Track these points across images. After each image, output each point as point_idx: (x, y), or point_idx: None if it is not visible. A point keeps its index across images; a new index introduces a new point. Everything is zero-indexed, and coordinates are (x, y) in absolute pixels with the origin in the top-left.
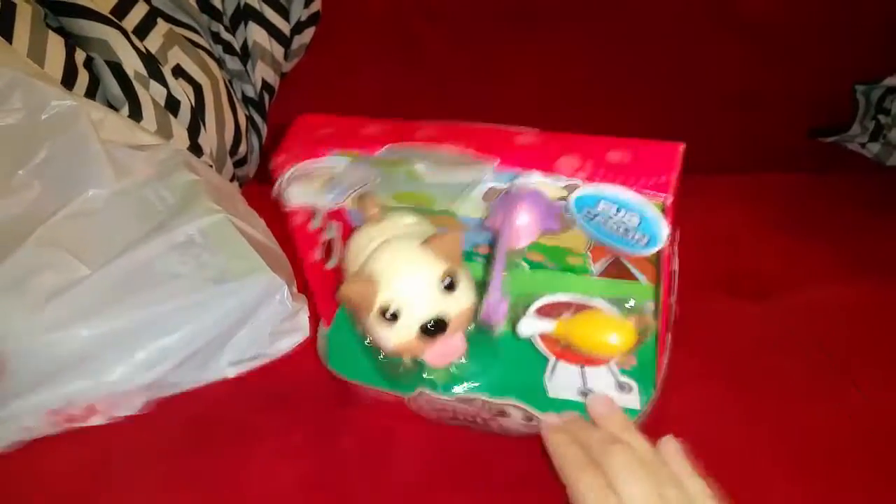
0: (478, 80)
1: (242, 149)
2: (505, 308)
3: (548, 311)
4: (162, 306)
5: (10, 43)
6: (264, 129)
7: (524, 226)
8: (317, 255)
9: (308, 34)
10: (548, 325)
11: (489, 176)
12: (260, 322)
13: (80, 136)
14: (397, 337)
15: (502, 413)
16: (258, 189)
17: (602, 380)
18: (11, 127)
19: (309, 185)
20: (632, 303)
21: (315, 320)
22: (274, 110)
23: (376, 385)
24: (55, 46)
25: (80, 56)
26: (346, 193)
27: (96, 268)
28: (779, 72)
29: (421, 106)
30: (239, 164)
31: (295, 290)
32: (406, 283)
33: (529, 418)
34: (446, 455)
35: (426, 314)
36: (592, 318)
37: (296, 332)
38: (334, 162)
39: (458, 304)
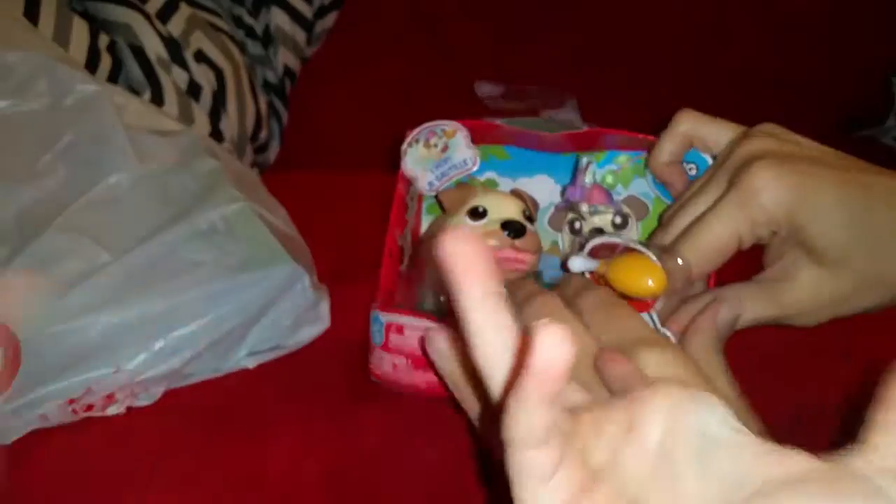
0: (502, 67)
1: (263, 135)
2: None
3: (599, 252)
4: (184, 295)
5: (36, 26)
6: (285, 115)
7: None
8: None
9: (331, 19)
10: (594, 264)
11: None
12: (281, 312)
13: (104, 121)
14: (481, 230)
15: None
16: (278, 176)
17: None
18: (36, 112)
19: (426, 153)
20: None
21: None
22: (295, 96)
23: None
24: (79, 30)
25: (103, 40)
26: (447, 176)
27: (118, 255)
28: (813, 64)
29: (443, 92)
30: (259, 150)
31: (316, 279)
32: (497, 197)
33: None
34: (464, 451)
35: (508, 217)
36: (632, 261)
37: (317, 322)
38: (451, 127)
39: (533, 229)
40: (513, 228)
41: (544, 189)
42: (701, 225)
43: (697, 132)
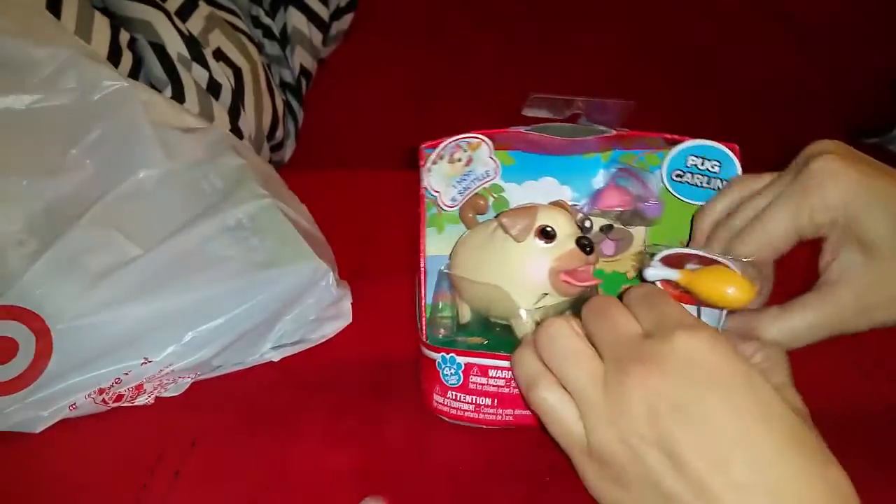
0: (503, 63)
1: (279, 133)
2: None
3: (672, 261)
4: (211, 289)
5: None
6: (301, 115)
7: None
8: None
9: (346, 20)
10: (673, 273)
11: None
12: (305, 307)
13: (132, 116)
14: (558, 250)
15: None
16: (294, 174)
17: (711, 318)
18: (65, 106)
19: (450, 169)
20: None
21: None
22: (310, 96)
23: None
24: (101, 27)
25: (124, 37)
26: (469, 190)
27: (147, 249)
28: (821, 72)
29: (456, 93)
30: (275, 148)
31: (338, 276)
32: (551, 213)
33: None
34: (487, 445)
35: (573, 232)
36: (716, 272)
37: (339, 318)
38: (476, 139)
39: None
40: (587, 245)
41: (550, 190)
42: (761, 215)
43: (752, 189)
